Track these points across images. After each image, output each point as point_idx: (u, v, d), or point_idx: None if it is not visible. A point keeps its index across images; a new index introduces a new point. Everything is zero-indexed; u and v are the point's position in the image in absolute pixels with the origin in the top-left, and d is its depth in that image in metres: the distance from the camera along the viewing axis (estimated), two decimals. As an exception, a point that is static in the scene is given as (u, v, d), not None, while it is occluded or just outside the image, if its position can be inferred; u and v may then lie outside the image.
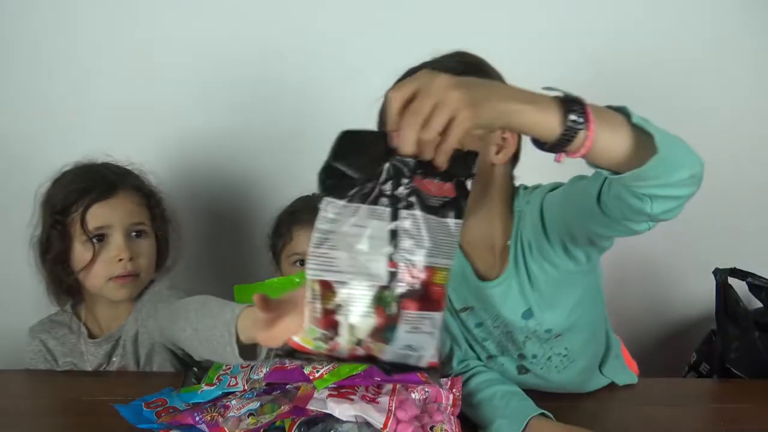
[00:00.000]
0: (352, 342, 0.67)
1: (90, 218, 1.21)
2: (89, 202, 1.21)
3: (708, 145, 1.57)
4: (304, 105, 1.61)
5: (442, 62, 1.01)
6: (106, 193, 1.22)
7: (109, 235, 1.23)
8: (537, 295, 1.06)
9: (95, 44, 1.57)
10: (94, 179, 1.23)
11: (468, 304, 1.13)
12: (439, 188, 0.69)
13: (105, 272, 1.23)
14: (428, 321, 0.68)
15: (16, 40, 1.57)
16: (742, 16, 1.53)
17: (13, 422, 1.08)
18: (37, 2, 1.54)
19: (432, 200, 0.69)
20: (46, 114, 1.60)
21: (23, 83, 1.59)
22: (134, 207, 1.25)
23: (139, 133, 1.58)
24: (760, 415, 1.09)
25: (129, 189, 1.26)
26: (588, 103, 0.72)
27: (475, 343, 1.17)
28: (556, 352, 1.12)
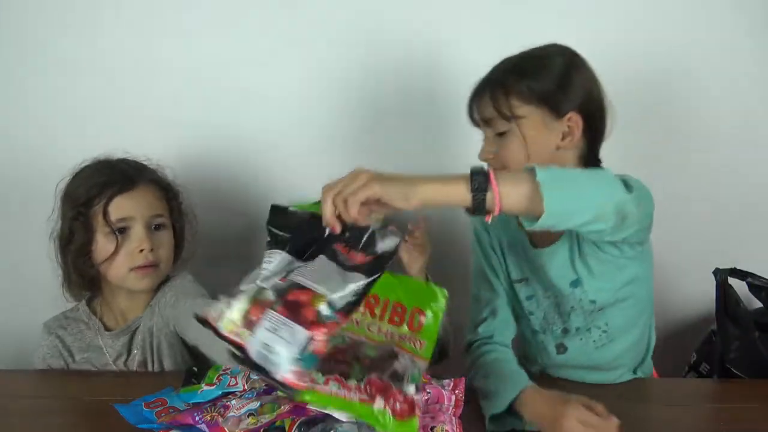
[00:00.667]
0: (232, 321, 0.81)
1: (112, 210, 1.24)
2: (111, 195, 1.24)
3: (708, 145, 1.60)
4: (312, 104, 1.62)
5: (534, 53, 1.13)
6: (127, 186, 1.26)
7: (131, 227, 1.26)
8: (585, 268, 1.15)
9: (114, 43, 1.58)
10: (114, 173, 1.27)
11: (524, 275, 1.24)
12: (349, 255, 0.89)
13: (127, 263, 1.26)
14: (287, 330, 0.80)
15: (34, 39, 1.58)
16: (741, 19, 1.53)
17: (13, 422, 1.09)
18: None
19: (342, 258, 0.88)
20: (64, 112, 1.60)
21: (41, 82, 1.60)
22: (154, 200, 1.29)
23: (155, 130, 1.58)
24: (760, 415, 1.09)
25: (148, 182, 1.30)
26: (491, 171, 0.88)
27: (522, 317, 1.27)
28: (596, 325, 1.20)
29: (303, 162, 1.62)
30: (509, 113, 1.10)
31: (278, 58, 1.57)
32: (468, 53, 1.48)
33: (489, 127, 1.13)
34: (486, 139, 1.15)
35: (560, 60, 1.12)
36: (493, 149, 1.13)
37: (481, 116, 1.14)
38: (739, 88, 1.57)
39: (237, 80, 1.60)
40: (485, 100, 1.12)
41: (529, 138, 1.10)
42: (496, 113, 1.11)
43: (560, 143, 1.12)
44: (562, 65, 1.11)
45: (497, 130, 1.12)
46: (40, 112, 1.61)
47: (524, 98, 1.09)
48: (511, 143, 1.11)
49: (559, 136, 1.11)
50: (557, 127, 1.11)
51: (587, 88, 1.12)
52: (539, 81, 1.09)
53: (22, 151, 1.63)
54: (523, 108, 1.10)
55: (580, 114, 1.11)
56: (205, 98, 1.60)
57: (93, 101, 1.60)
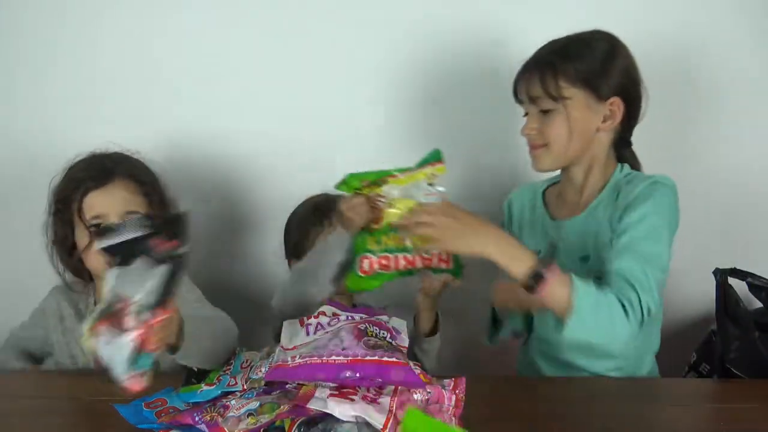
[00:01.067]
0: (86, 337, 0.89)
1: (86, 207, 1.26)
2: (85, 191, 1.26)
3: (708, 144, 1.60)
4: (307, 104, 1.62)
5: (562, 38, 1.21)
6: (101, 181, 1.27)
7: (105, 223, 1.27)
8: (596, 250, 1.20)
9: (113, 41, 1.59)
10: (91, 168, 1.29)
11: (538, 248, 1.29)
12: (161, 245, 0.94)
13: (101, 258, 1.25)
14: (116, 341, 0.87)
15: (34, 37, 1.59)
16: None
17: (13, 422, 1.08)
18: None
19: (154, 253, 0.93)
20: (62, 109, 1.62)
21: (40, 79, 1.61)
22: (129, 195, 1.29)
23: (149, 126, 1.60)
24: (760, 415, 1.09)
25: (124, 178, 1.29)
26: (550, 275, 1.03)
27: None
28: None
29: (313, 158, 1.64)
30: (556, 94, 1.17)
31: (272, 54, 1.59)
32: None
33: (534, 104, 1.21)
34: (530, 116, 1.23)
35: (605, 45, 1.19)
36: (537, 125, 1.21)
37: (528, 94, 1.21)
38: (743, 88, 1.57)
39: (238, 78, 1.60)
40: (534, 79, 1.19)
41: (573, 118, 1.18)
42: (544, 93, 1.18)
43: (601, 125, 1.20)
44: (607, 50, 1.19)
45: (542, 107, 1.20)
46: (40, 108, 1.62)
47: (571, 80, 1.17)
48: (555, 122, 1.19)
49: (600, 118, 1.20)
50: (599, 110, 1.19)
51: (629, 73, 1.20)
52: (585, 64, 1.17)
53: (21, 148, 1.64)
54: (569, 89, 1.17)
55: (621, 98, 1.19)
56: (205, 95, 1.61)
57: (92, 98, 1.61)
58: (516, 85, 1.24)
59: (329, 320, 1.08)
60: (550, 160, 1.23)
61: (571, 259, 1.23)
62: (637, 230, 1.12)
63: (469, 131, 1.63)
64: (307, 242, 1.37)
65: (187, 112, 1.61)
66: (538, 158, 1.24)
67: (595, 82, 1.17)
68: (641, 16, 1.52)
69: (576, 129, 1.19)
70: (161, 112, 1.61)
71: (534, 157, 1.24)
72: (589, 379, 1.30)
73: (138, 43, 1.59)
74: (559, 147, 1.21)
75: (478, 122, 1.62)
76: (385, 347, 0.98)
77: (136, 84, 1.61)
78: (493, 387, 1.22)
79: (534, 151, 1.24)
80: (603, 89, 1.18)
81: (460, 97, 1.61)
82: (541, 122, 1.21)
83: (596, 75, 1.17)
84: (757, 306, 1.51)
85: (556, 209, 1.33)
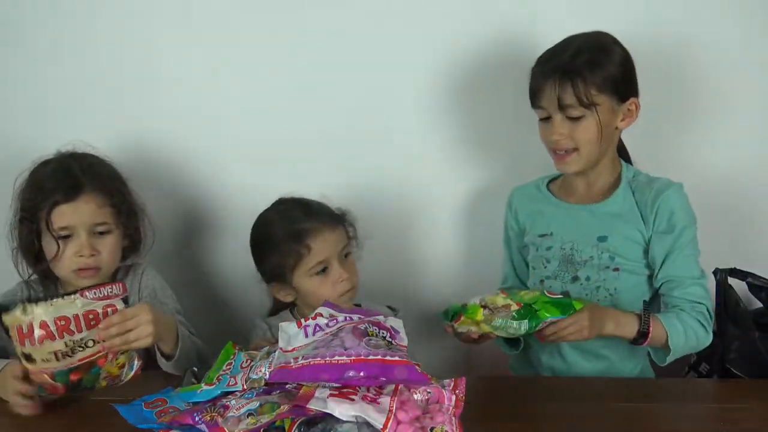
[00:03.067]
0: None
1: (55, 219, 1.27)
2: (54, 203, 1.27)
3: (708, 144, 1.59)
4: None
5: (582, 39, 1.27)
6: (70, 195, 1.28)
7: (73, 235, 1.29)
8: (614, 233, 1.31)
9: (81, 40, 1.59)
10: (60, 179, 1.29)
11: (550, 230, 1.38)
12: None
13: (69, 265, 1.30)
14: None
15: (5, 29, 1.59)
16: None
17: (12, 422, 1.08)
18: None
19: None
20: (31, 103, 1.61)
21: (8, 72, 1.61)
22: (97, 208, 1.30)
23: (118, 127, 1.60)
24: (760, 415, 1.09)
25: (93, 190, 1.30)
26: (652, 328, 1.22)
27: (536, 267, 1.40)
28: (606, 286, 1.31)
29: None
30: (588, 101, 1.23)
31: (263, 65, 1.60)
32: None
33: (562, 111, 1.26)
34: (556, 123, 1.27)
35: (618, 49, 1.28)
36: (565, 131, 1.26)
37: (561, 103, 1.25)
38: (746, 88, 1.57)
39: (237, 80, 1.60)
40: (565, 87, 1.24)
41: (602, 122, 1.26)
42: (576, 101, 1.23)
43: (620, 124, 1.30)
44: (621, 55, 1.28)
45: (571, 114, 1.26)
46: (6, 102, 1.62)
47: (599, 87, 1.24)
48: (587, 127, 1.26)
49: (620, 117, 1.29)
50: (620, 111, 1.28)
51: (634, 72, 1.30)
52: (609, 71, 1.25)
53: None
54: (599, 96, 1.25)
55: (637, 97, 1.29)
56: (181, 98, 1.61)
57: (62, 94, 1.61)
58: (539, 92, 1.28)
59: (327, 321, 1.08)
60: (581, 163, 1.30)
61: (588, 237, 1.32)
62: (685, 244, 1.28)
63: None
64: (286, 270, 1.31)
65: (153, 110, 1.62)
66: (568, 163, 1.30)
67: (619, 87, 1.26)
68: (638, 15, 1.52)
69: (604, 132, 1.26)
70: (132, 111, 1.61)
71: (563, 162, 1.30)
72: (589, 379, 1.30)
73: (114, 38, 1.59)
74: (589, 150, 1.28)
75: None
76: (385, 347, 0.98)
77: (106, 83, 1.61)
78: (493, 387, 1.22)
79: (563, 157, 1.30)
80: (624, 92, 1.27)
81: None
82: (569, 128, 1.26)
83: (618, 80, 1.26)
84: (757, 306, 1.50)
85: (564, 197, 1.40)
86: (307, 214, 1.33)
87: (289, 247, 1.30)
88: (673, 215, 1.28)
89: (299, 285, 1.32)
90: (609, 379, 1.29)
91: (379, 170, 1.64)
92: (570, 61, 1.24)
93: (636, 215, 1.31)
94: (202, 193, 1.67)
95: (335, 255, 1.31)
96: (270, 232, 1.34)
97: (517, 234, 1.46)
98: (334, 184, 1.45)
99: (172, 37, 1.58)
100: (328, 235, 1.31)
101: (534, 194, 1.44)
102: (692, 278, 1.26)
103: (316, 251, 1.30)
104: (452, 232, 1.68)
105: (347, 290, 1.32)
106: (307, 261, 1.30)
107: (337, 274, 1.31)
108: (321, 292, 1.29)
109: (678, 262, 1.27)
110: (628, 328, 1.22)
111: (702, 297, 1.26)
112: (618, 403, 1.08)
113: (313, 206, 1.36)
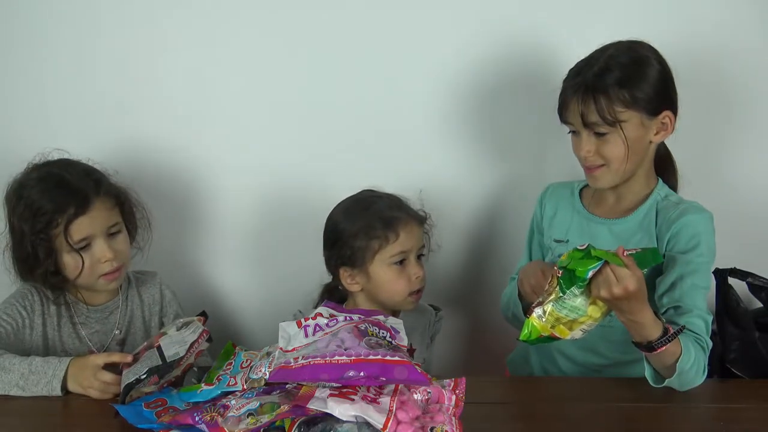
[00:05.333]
0: None
1: (73, 233, 1.26)
2: (70, 218, 1.26)
3: (708, 145, 1.59)
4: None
5: (611, 53, 1.21)
6: (84, 207, 1.27)
7: (93, 243, 1.29)
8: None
9: (71, 45, 1.58)
10: (70, 193, 1.27)
11: (566, 237, 1.34)
12: None
13: (95, 273, 1.30)
14: None
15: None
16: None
17: (12, 422, 1.09)
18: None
19: None
20: (8, 110, 1.61)
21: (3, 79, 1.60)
22: (108, 212, 1.32)
23: (103, 129, 1.60)
24: (760, 415, 1.09)
25: (103, 197, 1.31)
26: (668, 345, 1.07)
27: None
28: None
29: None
30: (613, 119, 1.18)
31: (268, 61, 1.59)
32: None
33: (588, 128, 1.22)
34: (583, 139, 1.23)
35: (656, 66, 1.22)
36: (593, 147, 1.23)
37: (584, 120, 1.21)
38: (749, 89, 1.57)
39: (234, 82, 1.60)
40: (588, 105, 1.19)
41: (630, 138, 1.20)
42: (600, 119, 1.19)
43: (653, 138, 1.24)
44: (659, 71, 1.22)
45: (597, 131, 1.21)
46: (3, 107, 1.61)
47: (626, 104, 1.19)
48: (613, 144, 1.21)
49: (653, 131, 1.23)
50: (652, 125, 1.23)
51: (674, 86, 1.24)
52: (641, 88, 1.19)
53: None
54: (625, 113, 1.19)
55: (671, 110, 1.23)
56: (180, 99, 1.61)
57: (60, 99, 1.60)
58: (564, 108, 1.25)
59: (327, 321, 1.07)
60: (610, 178, 1.26)
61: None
62: (699, 273, 1.20)
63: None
64: (367, 253, 1.31)
65: (139, 115, 1.61)
66: (598, 178, 1.26)
67: (650, 104, 1.21)
68: (672, 24, 1.51)
69: (633, 147, 1.22)
70: (125, 118, 1.61)
71: (593, 177, 1.27)
72: (588, 379, 1.30)
73: (108, 42, 1.58)
74: (618, 166, 1.23)
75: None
76: (386, 346, 0.98)
77: (104, 88, 1.60)
78: (493, 387, 1.22)
79: (592, 171, 1.26)
80: (656, 108, 1.22)
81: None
82: (596, 144, 1.23)
83: (651, 98, 1.20)
84: (757, 306, 1.51)
85: (591, 207, 1.35)
86: (399, 206, 1.35)
87: (379, 230, 1.31)
88: (695, 239, 1.21)
89: (375, 272, 1.32)
90: (609, 379, 1.29)
91: (391, 172, 1.61)
92: (595, 78, 1.20)
93: (652, 234, 1.25)
94: (201, 194, 1.67)
95: (414, 251, 1.33)
96: (361, 215, 1.34)
97: (539, 229, 1.43)
98: (347, 186, 1.43)
99: (172, 39, 1.58)
100: (414, 230, 1.33)
101: (566, 196, 1.40)
102: (699, 310, 1.18)
103: (402, 240, 1.31)
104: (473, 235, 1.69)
105: (419, 289, 1.33)
106: (391, 248, 1.30)
107: (414, 269, 1.32)
108: (396, 283, 1.31)
109: (687, 288, 1.19)
110: (655, 329, 1.08)
111: (704, 333, 1.17)
112: (618, 403, 1.08)
113: (403, 200, 1.38)
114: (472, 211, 1.67)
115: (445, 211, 1.52)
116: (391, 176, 1.43)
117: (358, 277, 1.33)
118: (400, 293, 1.31)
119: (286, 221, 1.65)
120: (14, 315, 1.29)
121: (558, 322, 1.05)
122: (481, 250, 1.69)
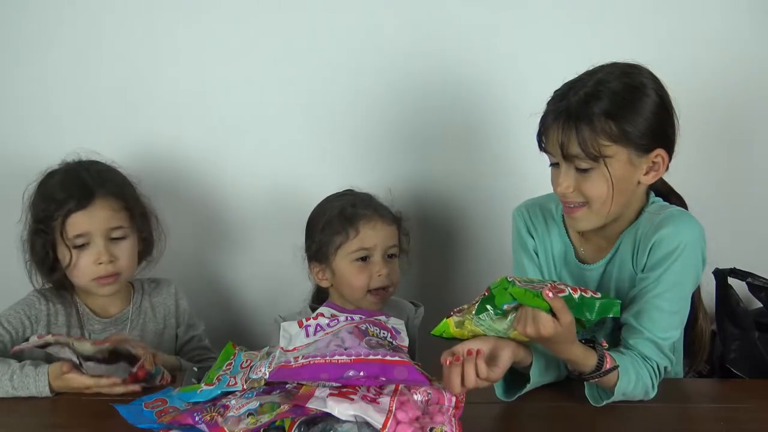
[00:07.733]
0: None
1: (70, 227, 1.26)
2: (68, 212, 1.25)
3: (708, 144, 1.59)
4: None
5: (601, 77, 1.07)
6: (84, 202, 1.26)
7: (89, 242, 1.27)
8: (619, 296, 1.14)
9: (89, 46, 1.59)
10: (72, 187, 1.27)
11: (561, 275, 1.22)
12: None
13: (88, 273, 1.29)
14: None
15: (9, 38, 1.59)
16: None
17: (12, 422, 1.09)
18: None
19: None
20: (35, 110, 1.61)
21: (16, 81, 1.61)
22: (112, 213, 1.29)
23: (125, 131, 1.61)
24: (760, 415, 1.09)
25: (107, 195, 1.29)
26: (606, 370, 1.02)
27: None
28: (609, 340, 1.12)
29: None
30: (596, 153, 1.04)
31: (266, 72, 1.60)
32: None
33: (568, 161, 1.08)
34: (564, 174, 1.09)
35: (652, 96, 1.07)
36: (572, 183, 1.09)
37: (564, 152, 1.06)
38: (750, 90, 1.57)
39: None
40: (570, 135, 1.05)
41: (615, 176, 1.06)
42: (582, 152, 1.05)
43: (642, 178, 1.10)
44: (655, 103, 1.07)
45: (579, 166, 1.07)
46: (14, 111, 1.62)
47: (613, 138, 1.05)
48: (595, 181, 1.07)
49: (642, 170, 1.09)
50: (642, 163, 1.09)
51: (672, 121, 1.10)
52: (631, 121, 1.05)
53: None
54: (611, 148, 1.05)
55: (665, 149, 1.09)
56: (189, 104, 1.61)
57: (68, 102, 1.61)
58: (544, 135, 1.10)
59: (328, 321, 1.08)
60: (592, 220, 1.11)
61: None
62: (664, 296, 1.09)
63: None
64: (330, 248, 1.32)
65: (162, 119, 1.62)
66: (578, 219, 1.12)
67: (641, 140, 1.06)
68: (675, 45, 1.52)
69: (618, 187, 1.07)
70: (138, 119, 1.62)
71: (573, 219, 1.13)
72: (588, 379, 1.29)
73: (117, 47, 1.59)
74: (599, 207, 1.09)
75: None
76: (386, 347, 0.99)
77: (114, 87, 1.61)
78: (492, 387, 1.22)
79: (572, 211, 1.12)
80: (647, 144, 1.07)
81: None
82: (577, 180, 1.08)
83: (642, 134, 1.05)
84: (757, 306, 1.50)
85: (578, 243, 1.22)
86: (366, 204, 1.35)
87: (339, 226, 1.31)
88: (668, 257, 1.08)
89: (338, 267, 1.33)
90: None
91: (402, 175, 1.65)
92: (580, 104, 1.04)
93: (629, 269, 1.15)
94: (213, 198, 1.68)
95: (380, 249, 1.32)
96: (326, 210, 1.36)
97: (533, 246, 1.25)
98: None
99: (182, 41, 1.58)
100: (378, 227, 1.32)
101: (553, 232, 1.23)
102: (651, 332, 1.08)
103: (362, 237, 1.31)
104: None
105: (382, 286, 1.32)
106: (351, 243, 1.31)
107: (377, 267, 1.31)
108: (357, 280, 1.31)
109: (648, 308, 1.08)
110: (588, 360, 1.02)
111: (655, 356, 1.09)
112: (618, 403, 1.08)
113: (374, 199, 1.38)
114: (476, 215, 1.68)
115: (449, 213, 1.54)
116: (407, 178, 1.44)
117: (326, 272, 1.35)
118: (359, 290, 1.30)
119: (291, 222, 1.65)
120: (15, 324, 1.28)
121: (475, 334, 1.02)
122: (482, 250, 1.69)
